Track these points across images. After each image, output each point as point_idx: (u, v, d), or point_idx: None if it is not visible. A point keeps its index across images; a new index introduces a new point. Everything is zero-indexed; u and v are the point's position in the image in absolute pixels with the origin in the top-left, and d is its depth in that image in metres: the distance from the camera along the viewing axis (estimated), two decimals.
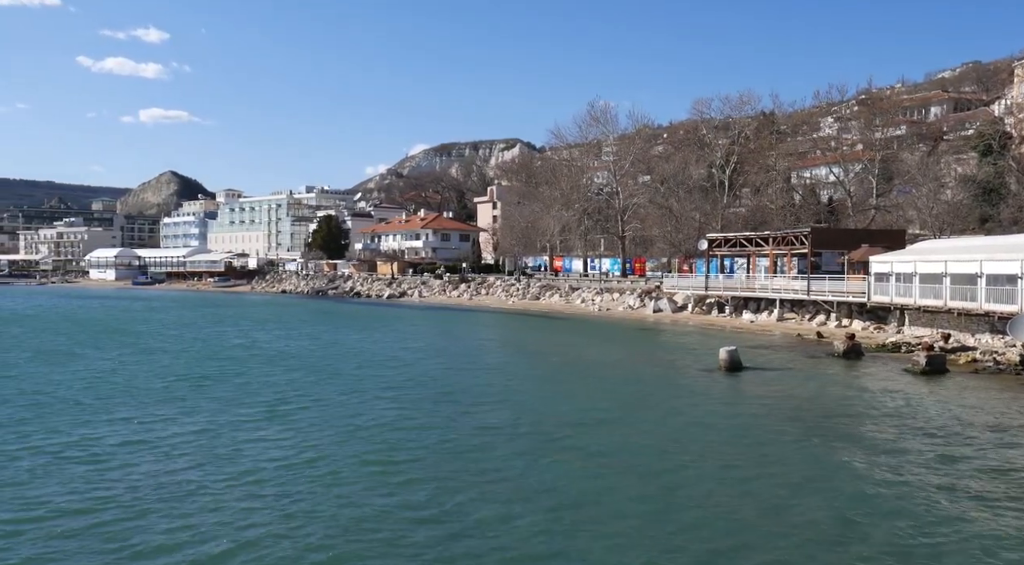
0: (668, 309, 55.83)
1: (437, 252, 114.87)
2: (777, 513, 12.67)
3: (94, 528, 11.65)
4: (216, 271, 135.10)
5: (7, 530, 11.50)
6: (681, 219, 68.25)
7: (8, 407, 20.86)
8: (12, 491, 13.33)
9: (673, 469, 15.28)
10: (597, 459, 16.00)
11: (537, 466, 15.39)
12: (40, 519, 11.99)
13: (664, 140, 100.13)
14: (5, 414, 19.86)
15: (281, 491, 13.50)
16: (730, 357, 29.12)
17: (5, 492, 13.25)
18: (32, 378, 26.24)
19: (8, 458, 15.49)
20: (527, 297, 72.54)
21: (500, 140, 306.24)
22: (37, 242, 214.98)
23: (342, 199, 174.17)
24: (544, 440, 17.73)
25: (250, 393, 23.66)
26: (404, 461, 15.69)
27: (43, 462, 15.30)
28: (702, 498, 13.42)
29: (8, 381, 25.44)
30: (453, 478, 14.37)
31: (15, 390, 23.67)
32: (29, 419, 19.31)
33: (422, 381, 26.41)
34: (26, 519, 11.98)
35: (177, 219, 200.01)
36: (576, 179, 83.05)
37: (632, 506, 12.99)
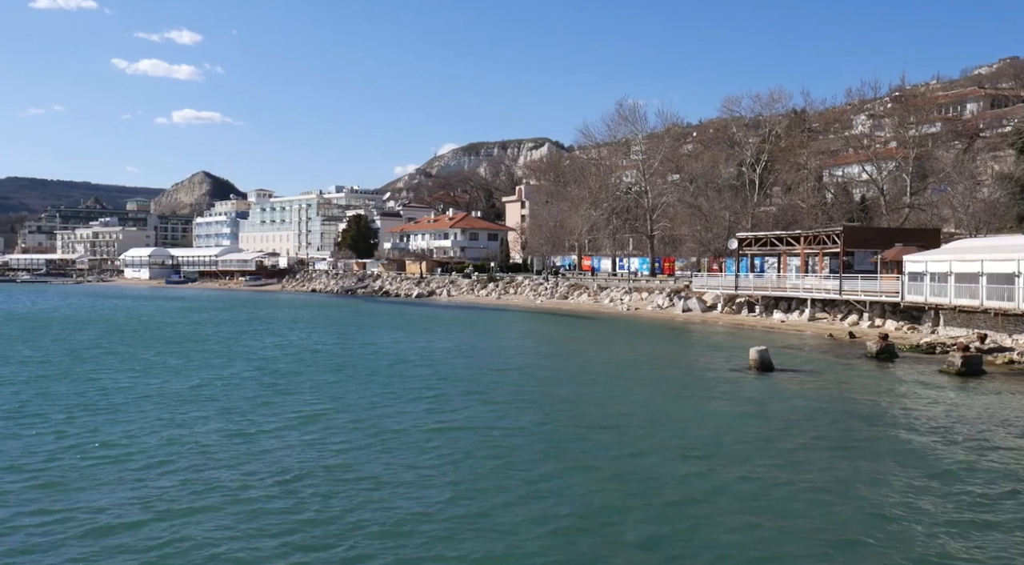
0: (697, 309, 55.44)
1: (465, 251, 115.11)
2: (805, 520, 12.44)
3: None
4: (247, 270, 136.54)
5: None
6: (710, 218, 67.71)
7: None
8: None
9: (702, 473, 15.05)
10: (624, 462, 15.85)
11: (563, 469, 15.26)
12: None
13: (693, 138, 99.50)
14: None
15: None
16: (760, 357, 28.85)
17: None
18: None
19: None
20: (555, 296, 72.44)
21: (528, 139, 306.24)
22: (74, 241, 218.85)
23: (371, 199, 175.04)
24: (572, 442, 17.65)
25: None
26: (437, 464, 15.69)
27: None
28: (729, 504, 13.23)
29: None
30: (478, 481, 14.22)
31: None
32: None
33: (454, 382, 26.42)
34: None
35: (209, 219, 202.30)
36: (604, 178, 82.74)
37: (657, 511, 12.87)
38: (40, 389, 23.89)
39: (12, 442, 16.82)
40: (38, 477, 14.24)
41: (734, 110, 79.23)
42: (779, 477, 14.74)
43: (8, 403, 21.39)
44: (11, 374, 27.09)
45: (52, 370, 28.17)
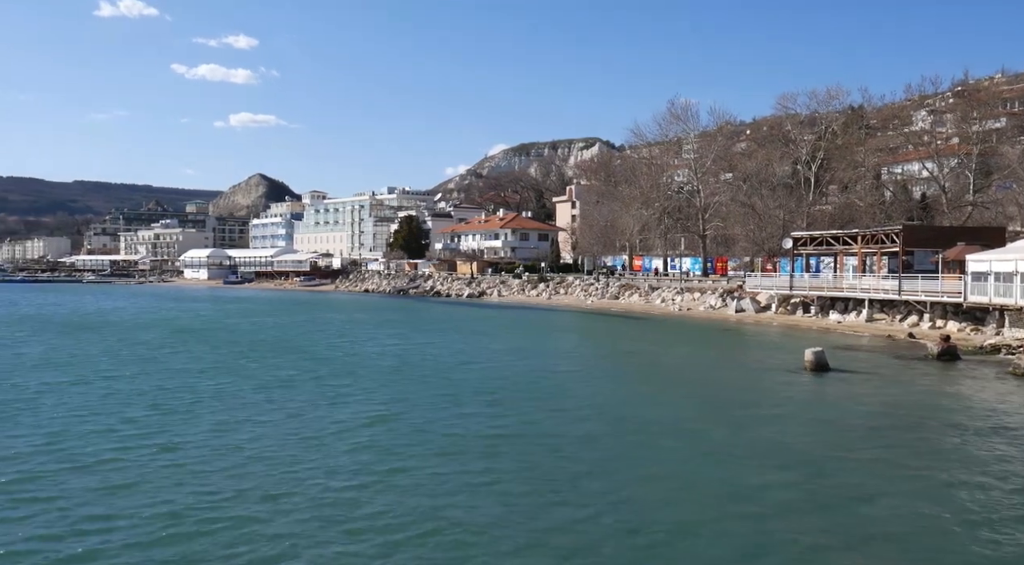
0: (751, 309, 54.66)
1: (516, 252, 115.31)
2: (857, 531, 12.13)
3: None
4: (302, 271, 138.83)
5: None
6: (764, 217, 66.71)
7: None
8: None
9: (752, 478, 14.75)
10: (690, 468, 15.55)
11: (635, 478, 15.03)
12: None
13: (747, 137, 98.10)
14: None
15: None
16: (816, 358, 28.33)
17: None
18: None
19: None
20: (606, 296, 72.13)
21: (579, 139, 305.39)
22: (136, 243, 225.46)
23: (423, 199, 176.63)
24: (637, 449, 17.39)
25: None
26: (509, 472, 15.74)
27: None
28: (781, 511, 12.92)
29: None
30: (553, 492, 13.89)
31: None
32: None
33: (513, 384, 26.42)
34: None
35: (265, 220, 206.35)
36: (656, 177, 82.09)
37: (708, 515, 12.70)
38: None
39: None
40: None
41: (789, 107, 77.98)
42: (831, 484, 14.37)
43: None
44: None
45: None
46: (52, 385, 24.68)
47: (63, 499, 12.91)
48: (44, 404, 21.37)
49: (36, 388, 24.10)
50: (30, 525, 11.73)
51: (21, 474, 14.34)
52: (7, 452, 15.89)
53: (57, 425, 18.52)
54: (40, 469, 14.70)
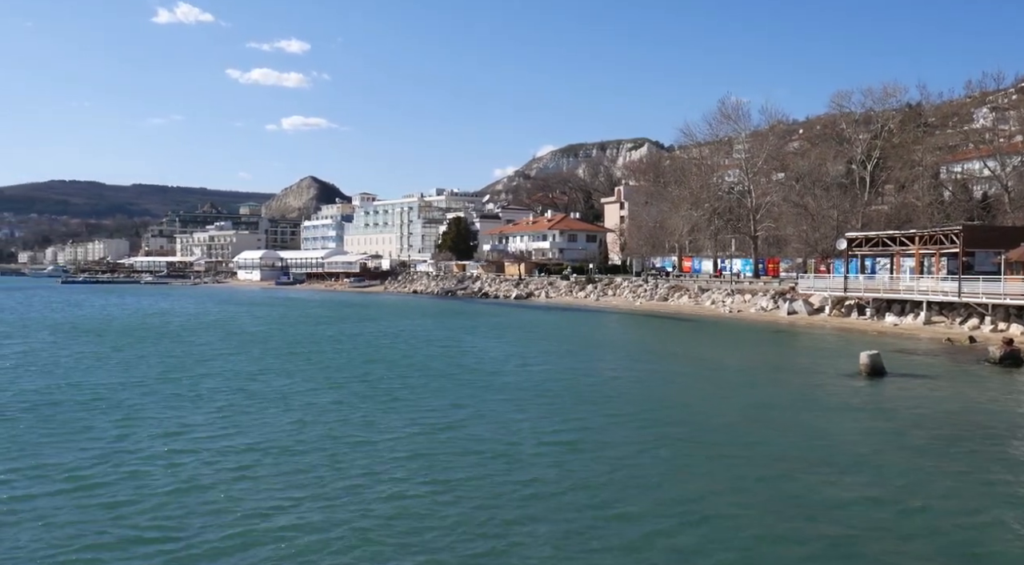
0: (803, 311, 53.67)
1: (564, 253, 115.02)
2: (920, 539, 11.84)
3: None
4: (352, 272, 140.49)
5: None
6: (818, 217, 65.44)
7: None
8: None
9: (811, 487, 14.43)
10: (737, 474, 15.15)
11: (675, 481, 14.96)
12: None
13: (800, 136, 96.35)
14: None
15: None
16: (872, 362, 27.67)
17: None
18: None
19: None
20: (655, 298, 71.51)
21: (628, 140, 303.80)
22: (192, 245, 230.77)
23: (471, 201, 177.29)
24: (681, 452, 17.22)
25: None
26: (571, 485, 15.72)
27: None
28: (833, 520, 12.62)
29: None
30: (616, 502, 13.84)
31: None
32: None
33: (565, 386, 26.46)
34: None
35: (316, 222, 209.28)
36: (706, 178, 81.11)
37: (772, 524, 12.48)
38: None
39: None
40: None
41: (844, 106, 76.33)
42: (885, 494, 13.97)
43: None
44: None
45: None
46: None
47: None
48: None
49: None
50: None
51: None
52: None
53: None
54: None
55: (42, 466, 14.93)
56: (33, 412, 20.30)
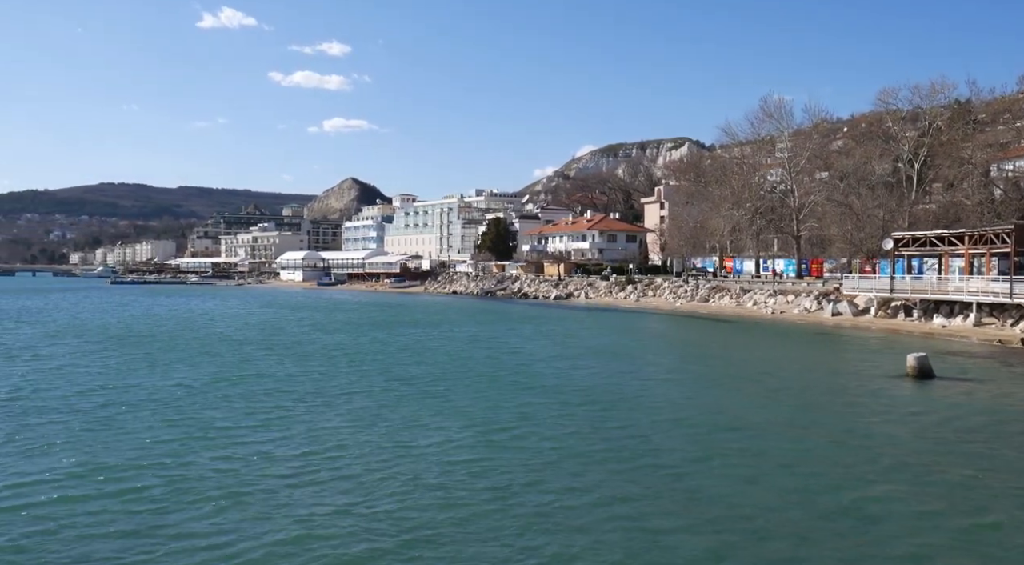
0: (848, 312, 52.77)
1: (603, 253, 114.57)
2: (968, 548, 11.57)
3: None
4: (392, 272, 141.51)
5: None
6: (862, 217, 64.25)
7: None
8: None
9: (860, 492, 14.21)
10: (770, 478, 15.01)
11: (700, 481, 14.87)
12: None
13: (844, 134, 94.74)
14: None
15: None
16: (919, 364, 27.11)
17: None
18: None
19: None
20: (695, 299, 70.89)
21: (668, 139, 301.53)
22: (236, 246, 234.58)
23: (510, 201, 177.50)
24: (728, 457, 16.98)
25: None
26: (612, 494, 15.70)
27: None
28: (878, 526, 12.41)
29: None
30: (619, 499, 13.96)
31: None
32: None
33: (605, 387, 26.39)
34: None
35: (357, 223, 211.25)
36: (747, 177, 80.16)
37: (820, 529, 12.31)
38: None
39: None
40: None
41: (890, 103, 74.81)
42: (934, 499, 13.71)
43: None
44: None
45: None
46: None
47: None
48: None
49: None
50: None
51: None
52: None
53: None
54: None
55: (94, 467, 15.30)
56: (80, 413, 20.83)
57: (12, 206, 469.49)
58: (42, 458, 15.61)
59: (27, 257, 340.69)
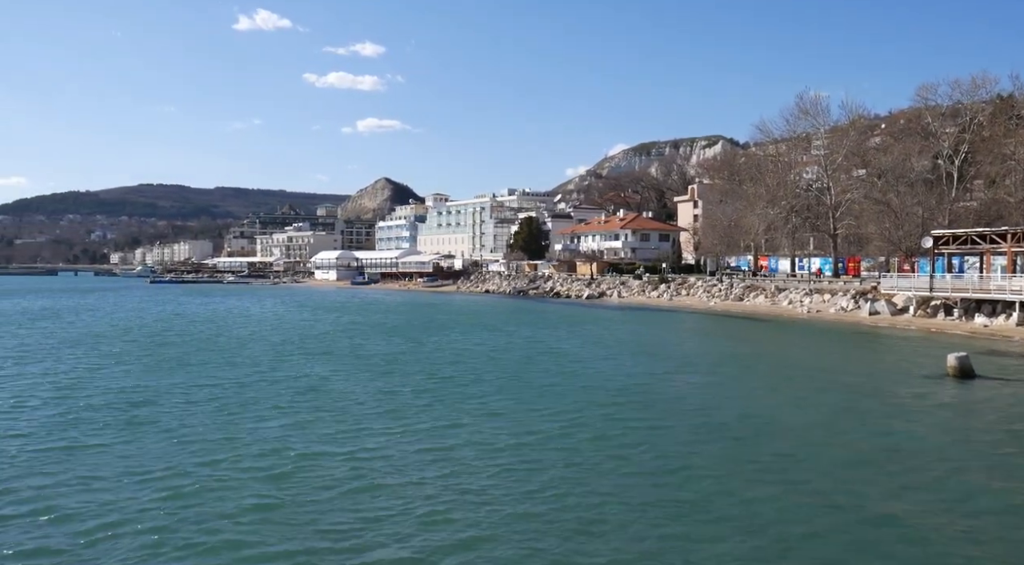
0: (886, 311, 51.94)
1: (636, 252, 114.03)
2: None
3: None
4: (425, 272, 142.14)
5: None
6: (901, 215, 63.21)
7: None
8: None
9: (899, 497, 13.98)
10: (804, 484, 14.65)
11: (777, 495, 14.59)
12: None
13: (882, 131, 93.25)
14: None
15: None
16: (960, 364, 26.61)
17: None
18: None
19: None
20: (730, 298, 70.27)
21: (702, 137, 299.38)
22: (271, 245, 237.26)
23: (542, 201, 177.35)
24: (769, 463, 16.78)
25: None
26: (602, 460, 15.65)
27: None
28: (913, 535, 12.06)
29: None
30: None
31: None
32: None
33: (644, 389, 26.30)
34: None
35: (390, 223, 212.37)
36: (783, 175, 79.22)
37: (833, 536, 12.14)
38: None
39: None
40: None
41: (929, 99, 73.55)
42: (975, 506, 13.40)
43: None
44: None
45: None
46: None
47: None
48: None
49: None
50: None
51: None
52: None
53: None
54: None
55: (137, 470, 15.62)
56: (129, 414, 21.27)
57: (55, 207, 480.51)
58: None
59: (69, 257, 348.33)
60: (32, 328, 47.30)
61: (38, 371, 28.11)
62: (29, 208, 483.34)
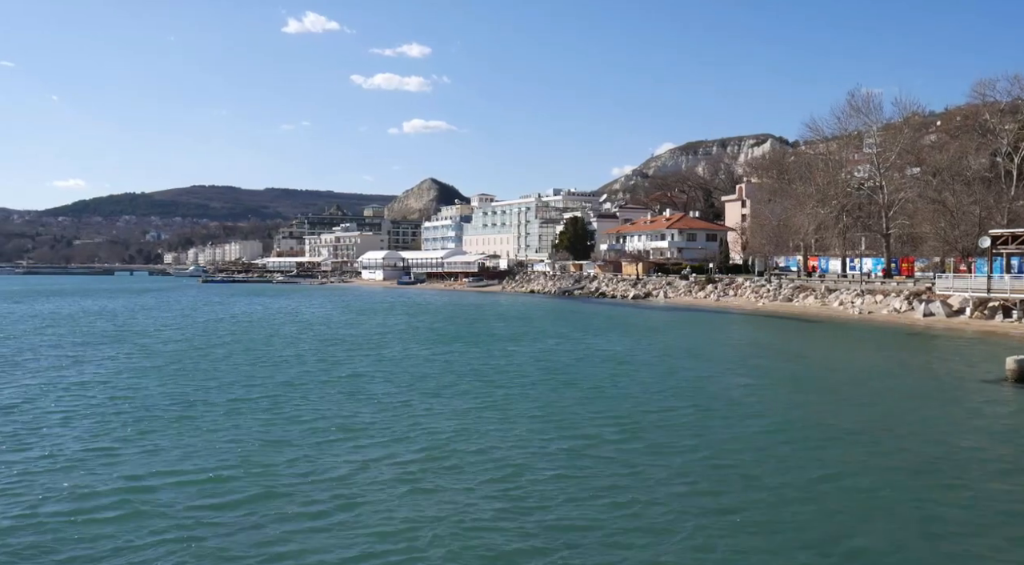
0: (941, 313, 50.71)
1: (683, 252, 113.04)
2: None
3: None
4: (470, 272, 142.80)
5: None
6: (957, 214, 61.65)
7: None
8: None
9: (959, 507, 13.62)
10: (873, 495, 14.31)
11: (817, 500, 14.43)
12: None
13: (937, 128, 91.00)
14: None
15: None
16: (1020, 367, 25.86)
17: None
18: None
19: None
20: (778, 298, 69.29)
21: (749, 136, 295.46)
22: (319, 246, 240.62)
23: (587, 201, 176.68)
24: (820, 470, 16.56)
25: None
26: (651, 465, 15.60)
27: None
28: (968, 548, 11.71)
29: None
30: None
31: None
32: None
33: (686, 386, 26.17)
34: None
35: (435, 223, 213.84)
36: (833, 174, 77.81)
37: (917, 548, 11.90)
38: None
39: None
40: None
41: (987, 95, 71.62)
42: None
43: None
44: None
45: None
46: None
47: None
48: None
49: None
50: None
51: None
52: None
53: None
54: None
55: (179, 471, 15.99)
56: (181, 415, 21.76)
57: (112, 208, 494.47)
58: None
59: (125, 257, 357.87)
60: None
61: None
62: (87, 210, 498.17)
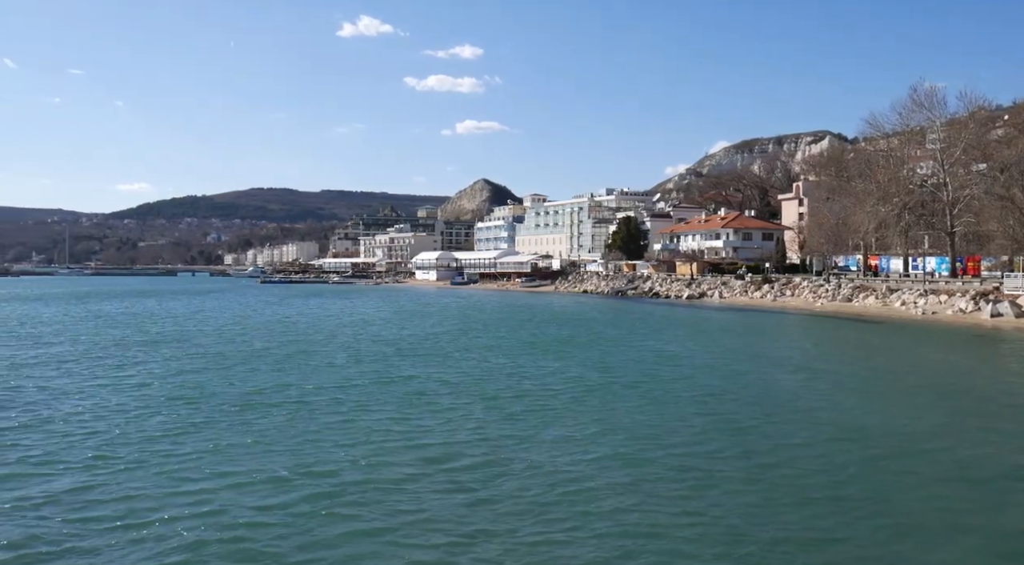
0: (1010, 313, 49.12)
1: (738, 252, 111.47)
2: None
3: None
4: (523, 272, 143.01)
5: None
6: None
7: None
8: None
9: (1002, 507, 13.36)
10: (956, 509, 13.78)
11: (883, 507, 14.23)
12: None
13: (1005, 122, 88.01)
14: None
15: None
16: None
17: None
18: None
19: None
20: (837, 298, 67.89)
21: (807, 133, 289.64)
22: (374, 246, 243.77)
23: (641, 200, 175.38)
24: (887, 476, 16.26)
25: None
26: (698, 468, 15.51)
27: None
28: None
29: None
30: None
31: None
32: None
33: (751, 391, 25.93)
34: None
35: (488, 224, 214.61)
36: (895, 171, 75.84)
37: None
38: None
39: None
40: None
41: None
42: None
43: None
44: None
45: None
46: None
47: None
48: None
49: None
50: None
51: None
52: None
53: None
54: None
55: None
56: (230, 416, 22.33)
57: (174, 211, 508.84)
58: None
59: (187, 258, 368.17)
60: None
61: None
62: (151, 212, 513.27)
